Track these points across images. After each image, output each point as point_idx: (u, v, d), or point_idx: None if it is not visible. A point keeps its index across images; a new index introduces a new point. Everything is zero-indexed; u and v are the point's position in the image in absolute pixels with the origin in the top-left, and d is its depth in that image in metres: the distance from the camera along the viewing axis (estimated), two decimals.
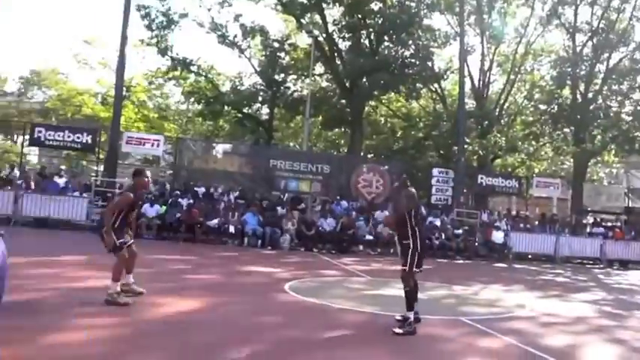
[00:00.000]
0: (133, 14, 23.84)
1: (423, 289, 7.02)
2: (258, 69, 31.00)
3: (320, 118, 32.68)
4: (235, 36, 29.59)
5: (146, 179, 7.42)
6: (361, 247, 18.71)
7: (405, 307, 6.54)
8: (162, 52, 28.55)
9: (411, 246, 6.53)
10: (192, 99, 33.48)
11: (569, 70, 28.64)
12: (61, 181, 19.52)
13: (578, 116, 27.80)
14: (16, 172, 19.94)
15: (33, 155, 30.67)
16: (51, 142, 21.52)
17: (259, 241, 17.23)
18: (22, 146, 24.36)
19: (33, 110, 36.93)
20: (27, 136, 21.94)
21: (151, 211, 16.93)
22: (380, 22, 27.95)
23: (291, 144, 38.56)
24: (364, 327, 6.80)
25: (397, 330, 6.31)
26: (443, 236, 19.61)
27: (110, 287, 6.66)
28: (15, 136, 34.15)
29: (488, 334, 6.76)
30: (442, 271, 14.57)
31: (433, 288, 10.55)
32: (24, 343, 4.91)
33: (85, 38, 35.20)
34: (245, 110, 31.22)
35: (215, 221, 17.53)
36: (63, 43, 60.68)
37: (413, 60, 28.19)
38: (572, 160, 31.25)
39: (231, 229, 17.41)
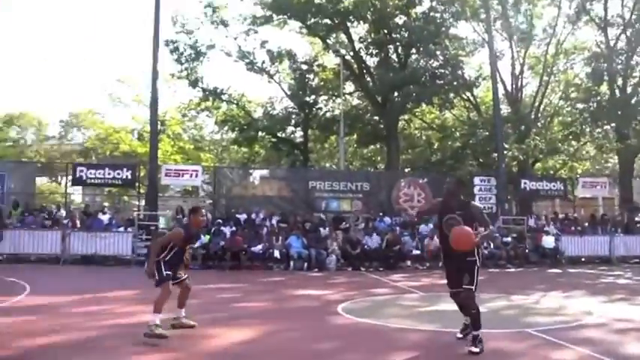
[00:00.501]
0: (162, 49, 24.24)
1: (481, 302, 6.62)
2: (288, 92, 31.08)
3: (354, 136, 32.61)
4: (263, 62, 29.83)
5: (202, 217, 7.31)
6: (409, 263, 18.32)
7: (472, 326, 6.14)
8: (193, 84, 28.94)
9: (478, 262, 6.13)
10: (225, 127, 33.80)
11: (605, 65, 27.86)
12: (105, 218, 19.81)
13: (619, 112, 26.92)
14: (62, 212, 20.29)
15: (77, 194, 31.24)
16: (92, 181, 21.81)
17: (305, 264, 17.04)
18: (66, 186, 24.90)
19: (74, 151, 38.01)
20: (70, 177, 22.33)
21: None
22: (406, 35, 27.86)
23: (328, 164, 38.48)
24: (428, 347, 6.48)
25: (474, 349, 5.90)
26: (492, 245, 19.05)
27: (150, 320, 6.43)
28: (59, 177, 34.93)
29: (559, 346, 6.37)
30: (495, 281, 14.10)
31: (491, 299, 10.14)
32: None
33: (118, 77, 36.12)
34: (279, 134, 31.26)
35: (259, 247, 17.43)
36: (97, 84, 62.52)
37: (443, 70, 27.97)
38: (616, 157, 30.29)
39: (276, 253, 17.27)
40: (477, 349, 5.89)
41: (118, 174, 21.57)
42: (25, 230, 17.77)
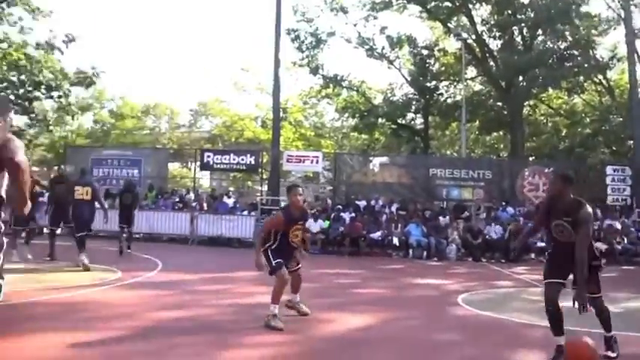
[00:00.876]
0: (283, 38, 24.87)
1: (616, 302, 6.06)
2: (408, 78, 30.75)
3: (477, 122, 31.66)
4: (383, 48, 29.76)
5: (296, 196, 6.56)
6: (532, 255, 17.45)
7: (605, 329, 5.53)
8: (314, 71, 29.47)
9: (601, 266, 5.44)
10: (346, 114, 34.21)
11: None
12: (229, 201, 20.79)
13: None
14: (191, 195, 21.50)
15: (205, 179, 33.00)
16: (219, 166, 23.06)
17: (424, 253, 16.86)
18: (195, 171, 26.45)
19: (202, 138, 40.15)
20: (198, 162, 23.63)
21: (314, 226, 17.25)
22: (532, 15, 26.44)
23: (449, 152, 37.64)
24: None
25: (611, 354, 5.38)
26: (625, 240, 17.69)
27: (269, 309, 6.36)
28: (188, 163, 37.07)
29: None
30: (631, 279, 13.14)
31: (627, 299, 9.37)
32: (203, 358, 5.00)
33: (242, 66, 37.57)
34: (399, 121, 31.10)
35: (378, 234, 17.46)
36: (224, 74, 65.60)
37: (572, 51, 26.35)
38: None
39: (395, 241, 17.21)
40: (614, 354, 5.39)
41: (242, 160, 22.56)
42: (159, 212, 19.25)
